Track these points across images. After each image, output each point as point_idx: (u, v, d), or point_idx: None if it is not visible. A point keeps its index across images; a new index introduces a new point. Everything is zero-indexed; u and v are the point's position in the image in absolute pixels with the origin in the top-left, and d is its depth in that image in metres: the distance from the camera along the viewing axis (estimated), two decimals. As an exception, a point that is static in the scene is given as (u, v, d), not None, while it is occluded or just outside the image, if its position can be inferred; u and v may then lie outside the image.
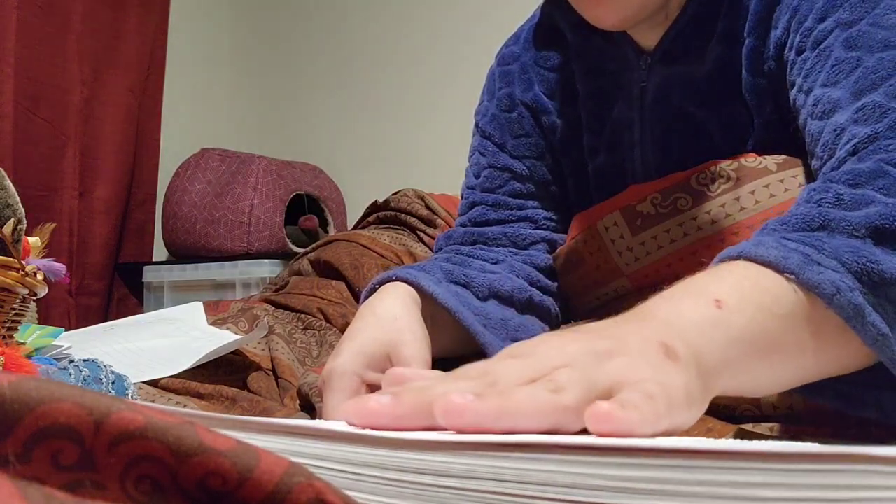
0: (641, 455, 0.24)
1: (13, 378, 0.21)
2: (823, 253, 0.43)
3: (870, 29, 0.58)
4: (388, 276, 0.65)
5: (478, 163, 0.84)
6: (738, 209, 0.68)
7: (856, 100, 0.56)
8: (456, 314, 0.63)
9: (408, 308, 0.61)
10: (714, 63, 0.71)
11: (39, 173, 1.92)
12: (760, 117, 0.70)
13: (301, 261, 1.34)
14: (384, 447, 0.28)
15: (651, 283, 0.72)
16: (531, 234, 0.80)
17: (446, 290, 0.65)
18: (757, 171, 0.68)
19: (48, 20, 1.93)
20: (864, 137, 0.53)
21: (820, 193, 0.49)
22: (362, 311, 0.63)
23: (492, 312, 0.68)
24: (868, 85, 0.55)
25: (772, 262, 0.42)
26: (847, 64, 0.58)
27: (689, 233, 0.69)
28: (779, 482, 0.23)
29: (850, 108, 0.56)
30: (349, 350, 0.57)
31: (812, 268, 0.42)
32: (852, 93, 0.56)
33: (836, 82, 0.58)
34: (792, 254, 0.42)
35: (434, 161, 2.09)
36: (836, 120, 0.57)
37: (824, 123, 0.58)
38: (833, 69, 0.58)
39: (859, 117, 0.55)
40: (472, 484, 0.26)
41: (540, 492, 0.25)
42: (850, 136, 0.55)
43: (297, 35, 2.52)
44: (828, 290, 0.41)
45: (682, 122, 0.74)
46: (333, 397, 0.54)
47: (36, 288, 0.66)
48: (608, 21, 0.69)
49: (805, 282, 0.41)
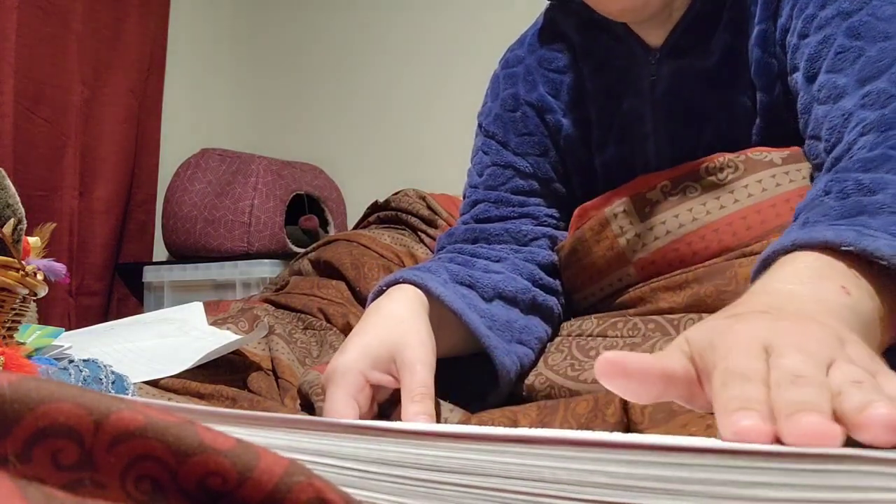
0: (645, 452, 0.24)
1: (13, 378, 0.21)
2: (871, 228, 0.46)
3: (870, 19, 0.62)
4: (394, 279, 0.66)
5: (481, 161, 0.85)
6: (746, 195, 0.69)
7: (861, 86, 0.60)
8: (462, 317, 0.64)
9: (414, 310, 0.62)
10: (721, 51, 0.73)
11: (39, 173, 1.92)
12: (768, 97, 0.72)
13: (301, 261, 1.34)
14: (387, 439, 0.28)
15: (656, 272, 0.73)
16: (532, 230, 0.80)
17: (453, 292, 0.65)
18: (763, 164, 0.70)
19: (48, 20, 1.93)
20: (872, 121, 0.57)
21: (840, 184, 0.52)
22: (369, 311, 0.63)
23: (497, 314, 0.68)
24: (873, 73, 0.59)
25: (829, 241, 0.45)
26: (851, 52, 0.61)
27: (697, 217, 0.70)
28: (780, 482, 0.23)
29: (856, 95, 0.60)
30: (354, 348, 0.57)
31: (866, 239, 0.44)
32: (857, 80, 0.60)
33: (842, 69, 0.62)
34: (845, 232, 0.45)
35: (434, 161, 2.09)
36: (843, 105, 0.61)
37: (830, 108, 0.62)
38: (837, 56, 0.62)
39: (866, 103, 0.59)
40: (474, 480, 0.26)
41: (541, 488, 0.25)
42: (858, 120, 0.58)
43: (297, 35, 2.52)
44: (887, 251, 0.43)
45: (692, 112, 0.76)
46: (336, 393, 0.55)
47: (36, 288, 0.66)
48: (614, 7, 0.71)
49: (862, 248, 0.44)
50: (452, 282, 0.68)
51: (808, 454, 0.23)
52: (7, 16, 1.82)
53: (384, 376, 0.57)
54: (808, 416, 0.27)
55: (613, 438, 0.25)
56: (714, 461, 0.23)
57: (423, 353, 0.57)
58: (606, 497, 0.24)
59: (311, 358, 0.90)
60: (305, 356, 0.90)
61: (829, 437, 0.26)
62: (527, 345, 0.69)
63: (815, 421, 0.27)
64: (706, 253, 0.70)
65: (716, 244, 0.69)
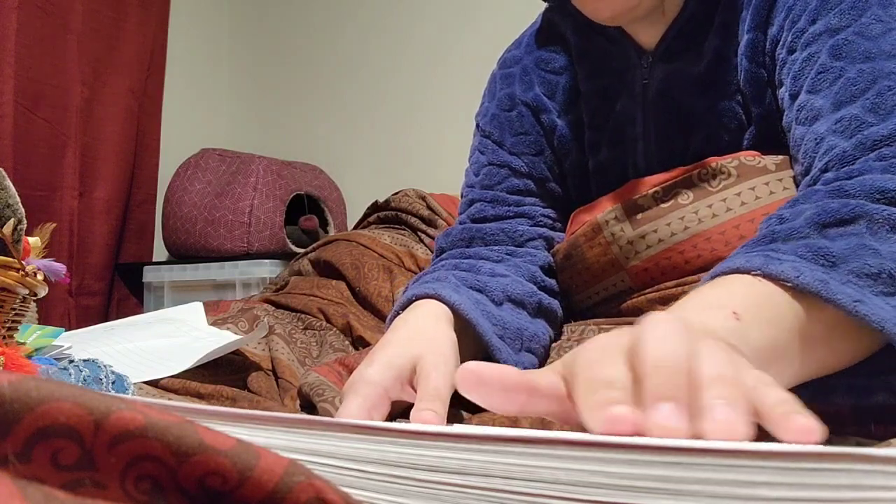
0: (643, 452, 0.24)
1: (13, 378, 0.21)
2: (780, 252, 0.49)
3: (855, 38, 0.61)
4: (408, 300, 0.66)
5: (477, 161, 0.85)
6: (740, 204, 0.69)
7: (836, 110, 0.60)
8: (476, 327, 0.64)
9: (438, 323, 0.63)
10: (712, 55, 0.73)
11: (39, 173, 1.92)
12: (760, 107, 0.71)
13: (301, 261, 1.34)
14: (387, 439, 0.28)
15: (650, 278, 0.73)
16: (528, 230, 0.80)
17: (467, 298, 0.66)
18: (756, 170, 0.69)
19: (48, 20, 1.93)
20: (834, 156, 0.58)
21: (767, 220, 0.55)
22: (396, 324, 0.64)
23: (508, 321, 0.68)
24: (847, 97, 0.60)
25: (739, 267, 0.48)
26: (831, 73, 0.61)
27: (689, 226, 0.70)
28: (780, 481, 0.23)
29: (830, 119, 0.60)
30: (380, 361, 0.57)
31: (773, 263, 0.47)
32: (833, 103, 0.60)
33: (820, 90, 0.62)
34: (754, 258, 0.48)
35: (434, 161, 2.09)
36: (817, 129, 0.61)
37: (806, 130, 0.62)
38: (818, 76, 0.62)
39: (837, 128, 0.59)
40: (474, 480, 0.26)
41: (541, 489, 0.25)
42: (827, 148, 0.59)
43: (297, 35, 2.52)
44: (791, 273, 0.46)
45: (683, 116, 0.75)
46: (352, 402, 0.54)
47: (36, 288, 0.66)
48: (604, 13, 0.70)
49: (769, 273, 0.46)
50: (464, 286, 0.68)
51: (808, 454, 0.23)
52: (7, 16, 1.82)
53: (407, 390, 0.57)
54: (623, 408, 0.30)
55: (613, 439, 0.25)
56: (714, 461, 0.23)
57: (442, 363, 0.57)
58: (606, 497, 0.24)
59: (311, 358, 0.90)
60: (305, 356, 0.90)
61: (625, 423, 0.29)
62: (534, 353, 0.70)
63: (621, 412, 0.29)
64: (699, 262, 0.69)
65: (708, 253, 0.69)
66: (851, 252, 0.48)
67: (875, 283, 0.47)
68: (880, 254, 0.48)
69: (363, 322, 1.02)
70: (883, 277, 0.47)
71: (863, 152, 0.56)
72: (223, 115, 2.59)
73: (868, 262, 0.47)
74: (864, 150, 0.56)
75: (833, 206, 0.51)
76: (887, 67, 0.59)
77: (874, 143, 0.56)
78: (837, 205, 0.51)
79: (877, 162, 0.55)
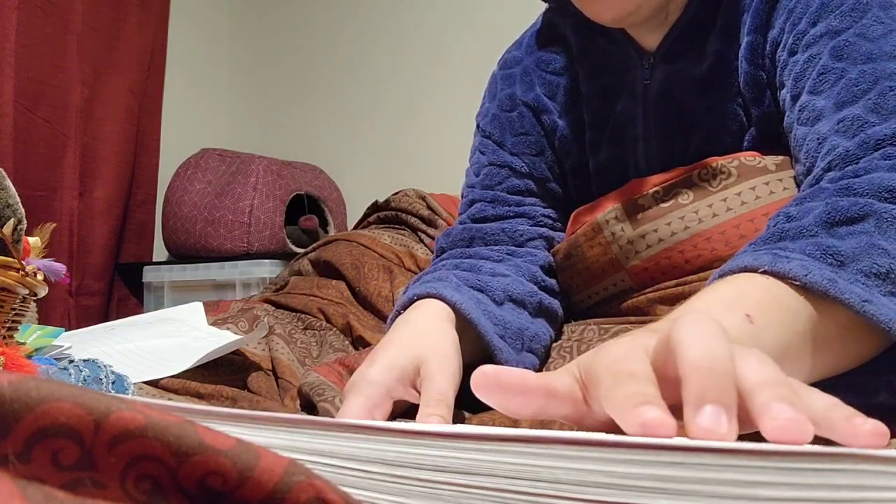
0: (645, 452, 0.24)
1: (13, 378, 0.21)
2: (788, 250, 0.49)
3: (856, 40, 0.61)
4: (409, 299, 0.66)
5: (478, 161, 0.85)
6: (740, 203, 0.69)
7: (838, 111, 0.60)
8: (478, 327, 0.64)
9: (440, 322, 0.62)
10: (713, 56, 0.73)
11: (39, 173, 1.92)
12: (759, 109, 0.71)
13: (301, 261, 1.34)
14: (387, 439, 0.28)
15: (650, 278, 0.73)
16: (528, 230, 0.80)
17: (469, 298, 0.66)
18: (757, 170, 0.69)
19: (48, 20, 1.94)
20: (837, 156, 0.58)
21: (775, 217, 0.56)
22: (398, 323, 0.64)
23: (509, 321, 0.68)
24: (849, 97, 0.60)
25: (747, 266, 0.47)
26: (832, 74, 0.61)
27: (689, 226, 0.70)
28: (780, 481, 0.23)
29: (832, 119, 0.60)
30: (382, 362, 0.57)
31: (781, 261, 0.47)
32: (835, 103, 0.60)
33: (822, 91, 0.62)
34: (762, 256, 0.48)
35: (434, 161, 2.09)
36: (819, 129, 0.61)
37: (808, 130, 0.62)
38: (820, 77, 0.62)
39: (839, 128, 0.59)
40: (474, 480, 0.26)
41: (541, 488, 0.25)
42: (829, 147, 0.59)
43: (297, 35, 2.52)
44: (799, 271, 0.46)
45: (683, 117, 0.75)
46: (353, 402, 0.54)
47: (36, 288, 0.66)
48: (606, 16, 0.71)
49: (777, 271, 0.46)
50: (465, 286, 0.68)
51: (808, 453, 0.23)
52: (7, 16, 1.83)
53: (409, 391, 0.57)
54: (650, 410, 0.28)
55: (613, 438, 0.25)
56: (714, 461, 0.23)
57: (446, 365, 0.57)
58: (606, 497, 0.24)
59: (311, 358, 0.90)
60: (305, 356, 0.90)
61: (664, 428, 0.28)
62: (535, 353, 0.70)
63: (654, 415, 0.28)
64: (699, 261, 0.69)
65: (708, 252, 0.69)
66: (860, 251, 0.48)
67: (884, 283, 0.47)
68: (889, 253, 0.48)
69: (363, 322, 1.02)
70: (891, 277, 0.48)
71: (866, 151, 0.56)
72: (223, 115, 2.59)
73: (877, 262, 0.48)
74: (868, 149, 0.56)
75: (842, 204, 0.51)
76: (889, 68, 0.59)
77: (877, 143, 0.56)
78: (846, 203, 0.51)
79: (882, 161, 0.55)
